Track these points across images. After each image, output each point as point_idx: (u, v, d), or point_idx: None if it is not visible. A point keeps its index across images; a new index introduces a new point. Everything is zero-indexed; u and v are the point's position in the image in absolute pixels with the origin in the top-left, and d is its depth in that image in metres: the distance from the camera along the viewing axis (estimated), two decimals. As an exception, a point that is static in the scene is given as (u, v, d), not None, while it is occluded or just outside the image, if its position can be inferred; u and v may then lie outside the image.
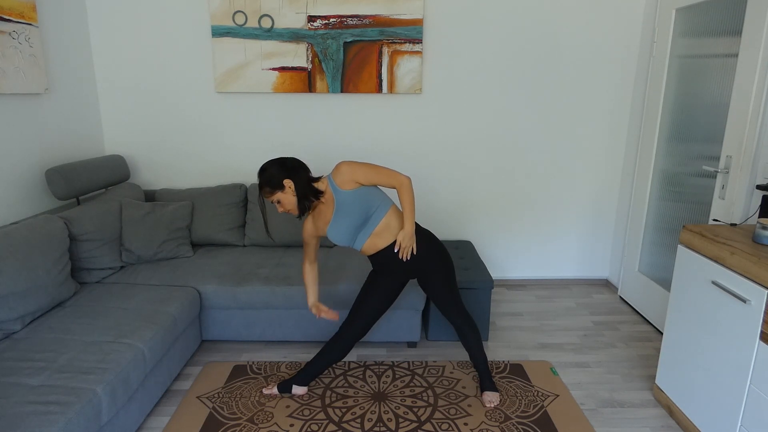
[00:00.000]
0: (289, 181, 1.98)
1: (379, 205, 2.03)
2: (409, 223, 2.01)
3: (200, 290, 2.60)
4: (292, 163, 2.02)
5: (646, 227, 3.17)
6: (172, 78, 3.24)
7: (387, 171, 1.99)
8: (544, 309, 3.26)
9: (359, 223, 2.02)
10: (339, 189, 1.98)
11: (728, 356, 1.83)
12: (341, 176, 1.96)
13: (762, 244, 1.82)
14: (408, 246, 2.03)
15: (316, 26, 3.11)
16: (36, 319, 2.18)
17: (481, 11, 3.18)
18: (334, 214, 2.02)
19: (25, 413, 1.56)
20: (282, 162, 2.01)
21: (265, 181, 1.99)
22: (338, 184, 1.97)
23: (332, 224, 2.03)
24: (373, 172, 1.98)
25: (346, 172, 1.96)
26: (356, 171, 1.96)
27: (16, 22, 2.50)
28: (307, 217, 2.14)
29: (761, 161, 2.22)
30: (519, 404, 2.26)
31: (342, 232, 2.03)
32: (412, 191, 2.02)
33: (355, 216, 2.00)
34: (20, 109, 2.59)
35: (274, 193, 1.99)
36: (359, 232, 2.04)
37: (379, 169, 1.99)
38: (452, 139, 3.37)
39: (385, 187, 2.02)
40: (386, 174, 1.98)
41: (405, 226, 2.01)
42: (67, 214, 2.51)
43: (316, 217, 2.10)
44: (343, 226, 2.02)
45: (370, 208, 2.01)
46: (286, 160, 2.02)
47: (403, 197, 2.01)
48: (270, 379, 2.45)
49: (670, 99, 2.92)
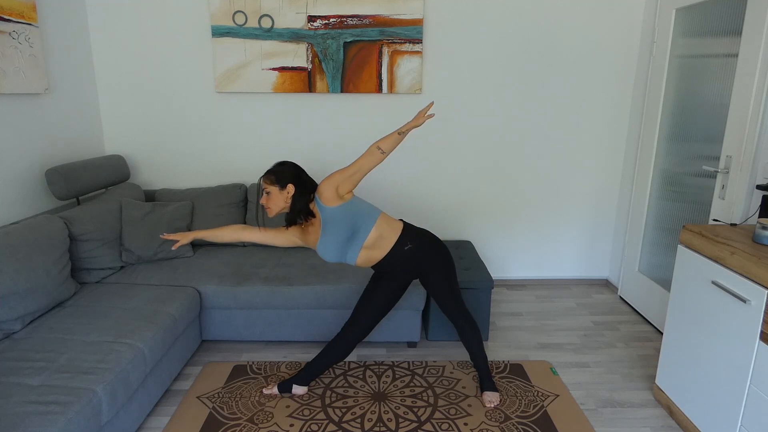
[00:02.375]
0: (292, 186, 2.00)
1: (366, 217, 2.03)
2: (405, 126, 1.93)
3: (200, 290, 2.60)
4: (307, 179, 2.06)
5: (646, 227, 3.17)
6: (172, 78, 3.24)
7: (359, 157, 1.97)
8: (544, 309, 3.26)
9: (347, 237, 2.02)
10: (324, 206, 1.99)
11: (728, 356, 1.82)
12: (323, 194, 1.97)
13: (762, 244, 1.82)
14: (425, 114, 1.92)
15: (316, 26, 3.11)
16: (36, 319, 2.18)
17: (481, 12, 3.18)
18: (322, 231, 2.03)
19: (25, 413, 1.56)
20: (300, 170, 2.05)
21: (275, 171, 2.02)
22: (323, 201, 1.99)
23: (321, 241, 2.04)
24: (347, 167, 1.96)
25: (326, 187, 1.96)
26: (332, 179, 1.96)
27: (16, 22, 2.50)
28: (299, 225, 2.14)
29: (761, 161, 2.22)
30: (519, 404, 2.26)
31: (330, 249, 2.04)
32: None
33: (342, 231, 2.01)
34: (20, 109, 2.59)
35: (273, 185, 2.01)
36: (348, 246, 2.04)
37: (353, 163, 1.97)
38: (452, 139, 3.37)
39: (369, 168, 1.95)
40: (358, 159, 1.95)
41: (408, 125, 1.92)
42: (67, 214, 2.51)
43: (305, 231, 2.12)
44: (331, 241, 2.03)
45: (356, 221, 2.01)
46: (304, 173, 2.06)
47: (383, 141, 1.93)
48: (270, 379, 2.45)
49: (670, 99, 2.92)
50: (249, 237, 2.15)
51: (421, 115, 1.92)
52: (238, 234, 2.15)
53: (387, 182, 3.44)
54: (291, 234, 2.15)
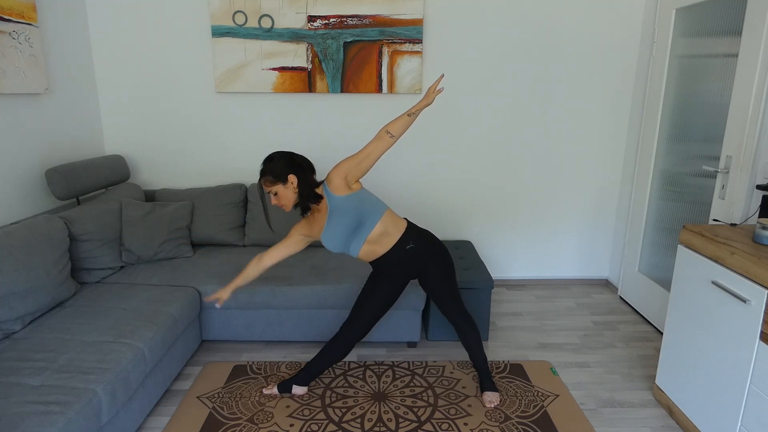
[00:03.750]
0: (294, 176, 1.97)
1: (373, 210, 2.02)
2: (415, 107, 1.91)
3: (200, 290, 2.60)
4: (300, 160, 2.00)
5: (646, 227, 3.17)
6: (173, 78, 3.24)
7: (368, 143, 1.95)
8: (544, 309, 3.26)
9: (352, 228, 2.01)
10: (332, 194, 1.97)
11: (728, 356, 1.82)
12: (332, 182, 1.96)
13: (762, 244, 1.82)
14: (435, 90, 1.90)
15: (316, 26, 3.11)
16: (36, 319, 2.18)
17: (481, 12, 3.18)
18: (327, 220, 2.01)
19: (25, 413, 1.56)
20: (290, 156, 1.99)
21: (269, 170, 1.96)
22: (332, 189, 1.97)
23: (326, 230, 2.02)
24: (356, 154, 1.95)
25: (335, 175, 1.95)
26: (341, 166, 1.94)
27: (16, 22, 2.50)
28: (303, 218, 2.14)
29: (761, 161, 2.22)
30: (519, 404, 2.26)
31: (336, 237, 2.02)
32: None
33: (348, 221, 1.99)
34: (20, 109, 2.59)
35: (275, 184, 1.97)
36: (353, 238, 2.03)
37: (361, 149, 1.95)
38: (452, 138, 3.37)
39: (378, 154, 1.93)
40: (367, 145, 1.94)
41: (419, 104, 1.90)
42: (67, 214, 2.51)
43: (311, 221, 2.10)
44: (337, 231, 2.01)
45: (363, 213, 2.00)
46: (295, 156, 2.00)
47: (392, 125, 1.91)
48: (270, 379, 2.45)
49: (670, 99, 2.92)
50: (270, 261, 2.14)
51: (430, 91, 1.89)
52: (261, 264, 2.15)
53: (387, 182, 3.44)
54: (299, 234, 2.12)
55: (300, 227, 2.13)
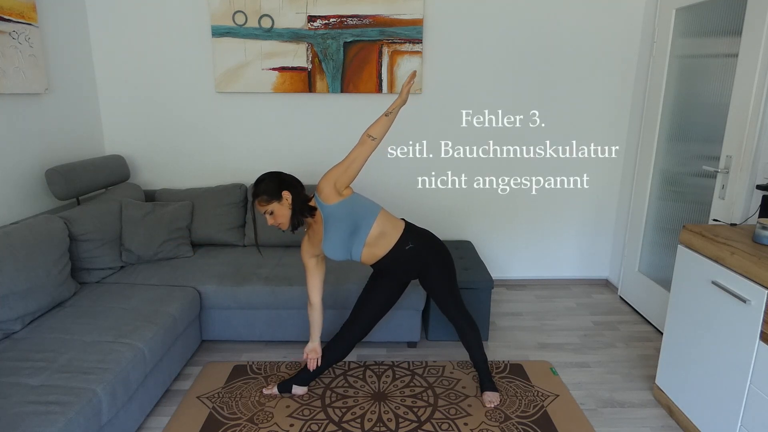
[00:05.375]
0: (287, 193, 2.00)
1: (366, 213, 2.03)
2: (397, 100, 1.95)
3: (200, 290, 2.60)
4: (289, 178, 2.05)
5: (646, 227, 3.17)
6: (173, 78, 3.24)
7: (352, 149, 1.97)
8: (544, 309, 3.26)
9: (349, 233, 2.02)
10: (324, 204, 1.99)
11: (728, 356, 1.83)
12: (323, 191, 1.97)
13: (762, 244, 1.82)
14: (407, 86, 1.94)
15: (316, 26, 3.11)
16: (36, 319, 2.18)
17: (481, 11, 3.18)
18: (324, 230, 2.03)
19: (25, 413, 1.56)
20: (279, 174, 2.04)
21: (263, 191, 1.99)
22: (323, 199, 1.98)
23: (325, 239, 2.04)
24: (342, 161, 1.96)
25: (324, 184, 1.96)
26: (329, 175, 1.96)
27: (16, 22, 2.50)
28: (303, 238, 2.17)
29: (761, 161, 2.22)
30: (519, 404, 2.26)
31: (335, 245, 2.04)
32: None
33: (344, 227, 2.01)
34: (20, 109, 2.59)
35: (270, 203, 1.99)
36: (352, 242, 2.04)
37: (347, 156, 1.97)
38: (452, 139, 3.37)
39: (364, 158, 1.95)
40: (351, 151, 1.95)
41: (395, 104, 1.94)
42: (67, 214, 2.51)
43: (312, 236, 2.12)
44: (335, 238, 2.03)
45: (357, 217, 2.01)
46: (283, 174, 2.05)
47: (372, 128, 1.93)
48: (270, 379, 2.45)
49: (670, 99, 2.92)
50: (315, 297, 2.21)
51: (403, 90, 1.94)
52: (314, 306, 2.22)
53: (387, 182, 3.44)
54: (309, 257, 2.15)
55: (305, 251, 2.16)
